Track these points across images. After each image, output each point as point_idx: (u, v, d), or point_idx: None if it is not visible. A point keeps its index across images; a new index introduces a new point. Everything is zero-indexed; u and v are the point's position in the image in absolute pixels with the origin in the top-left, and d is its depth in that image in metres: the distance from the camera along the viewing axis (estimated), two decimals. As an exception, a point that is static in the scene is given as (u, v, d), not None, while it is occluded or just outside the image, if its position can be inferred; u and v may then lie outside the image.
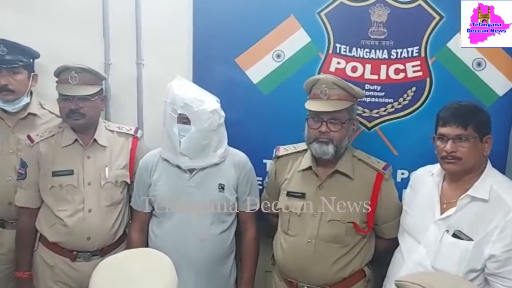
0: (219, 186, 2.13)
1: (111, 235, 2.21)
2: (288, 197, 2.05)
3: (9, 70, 2.27)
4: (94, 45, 2.43)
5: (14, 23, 2.43)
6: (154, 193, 2.17)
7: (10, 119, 2.35)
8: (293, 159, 2.12)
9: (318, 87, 1.96)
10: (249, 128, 2.36)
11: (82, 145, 2.20)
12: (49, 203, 2.17)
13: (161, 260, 1.45)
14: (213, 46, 2.34)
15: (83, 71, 2.13)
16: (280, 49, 2.28)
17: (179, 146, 2.09)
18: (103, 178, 2.19)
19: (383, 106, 2.24)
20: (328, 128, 1.94)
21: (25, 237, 2.23)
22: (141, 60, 2.44)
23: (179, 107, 2.07)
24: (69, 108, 2.12)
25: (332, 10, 2.20)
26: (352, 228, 1.97)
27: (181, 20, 2.36)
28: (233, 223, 2.20)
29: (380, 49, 2.19)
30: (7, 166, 2.33)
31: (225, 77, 2.34)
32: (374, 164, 2.03)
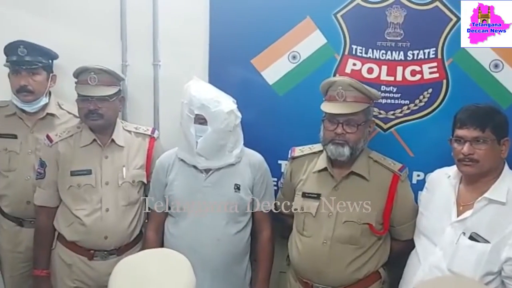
0: (235, 186, 2.15)
1: (127, 235, 2.23)
2: (304, 198, 2.06)
3: (28, 71, 2.30)
4: (112, 46, 2.46)
5: (33, 25, 2.47)
6: (170, 193, 2.18)
7: (29, 119, 2.39)
8: (308, 160, 2.12)
9: (334, 89, 1.96)
10: (264, 129, 2.36)
11: (100, 145, 2.22)
12: (67, 202, 2.19)
13: (179, 261, 1.46)
14: (229, 47, 2.35)
15: (102, 72, 2.15)
16: (296, 50, 2.28)
17: (195, 146, 2.10)
18: (121, 178, 2.21)
19: (399, 108, 2.23)
20: (344, 130, 1.94)
21: (43, 235, 2.26)
22: (158, 61, 2.47)
23: (196, 107, 2.09)
24: (88, 108, 2.14)
25: (348, 12, 2.20)
26: (368, 229, 1.97)
27: (197, 22, 2.37)
28: (248, 223, 2.21)
29: (397, 51, 2.18)
30: (26, 166, 2.37)
31: (241, 78, 2.36)
32: (390, 166, 2.02)
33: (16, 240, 2.43)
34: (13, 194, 2.38)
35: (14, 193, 2.38)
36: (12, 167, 2.37)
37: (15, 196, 2.38)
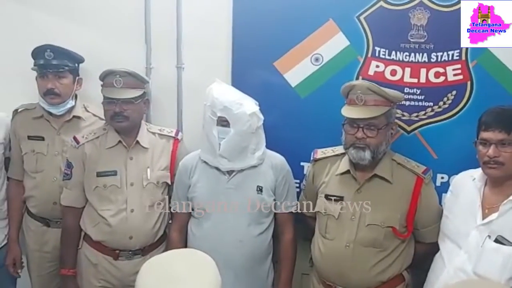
0: (257, 188, 2.16)
1: (152, 235, 2.26)
2: (326, 200, 2.06)
3: (55, 75, 2.34)
4: (136, 49, 2.49)
5: (60, 29, 2.52)
6: (193, 195, 2.20)
7: (55, 121, 2.43)
8: (331, 162, 2.12)
9: (354, 93, 1.96)
10: (286, 130, 2.37)
11: (125, 147, 2.25)
12: (93, 202, 2.23)
13: (205, 261, 1.48)
14: (251, 50, 2.36)
15: (128, 75, 2.18)
16: (318, 52, 2.29)
17: (218, 148, 2.12)
18: (145, 179, 2.24)
19: (423, 110, 2.22)
20: (364, 134, 1.93)
21: (70, 235, 2.30)
22: (181, 64, 2.49)
23: (218, 110, 2.11)
24: (113, 110, 2.17)
25: (372, 14, 2.19)
26: (391, 232, 1.96)
27: (220, 25, 2.39)
28: (271, 225, 2.22)
29: (420, 53, 2.17)
30: (52, 167, 2.41)
31: (263, 80, 2.36)
32: (414, 168, 2.01)
33: (42, 240, 2.47)
34: (40, 195, 2.42)
35: (41, 194, 2.42)
36: (39, 168, 2.41)
37: (42, 197, 2.42)
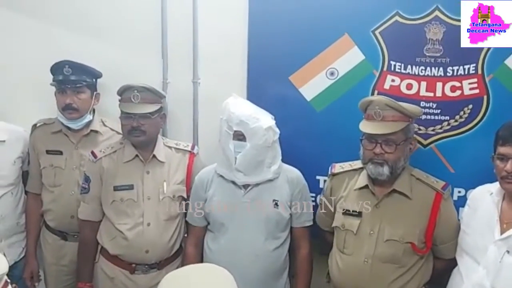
0: (274, 202, 2.16)
1: (168, 249, 2.26)
2: (344, 215, 2.05)
3: (73, 90, 2.37)
4: (153, 64, 2.52)
5: (78, 45, 2.56)
6: (209, 208, 2.20)
7: (73, 136, 2.45)
8: (349, 177, 2.12)
9: (372, 109, 1.96)
10: (302, 144, 2.38)
11: (142, 161, 2.26)
12: (110, 216, 2.24)
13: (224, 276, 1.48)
14: (267, 65, 2.38)
15: (145, 90, 2.20)
16: (333, 67, 2.30)
17: (234, 162, 2.12)
18: (162, 192, 2.25)
19: (439, 124, 2.22)
20: (382, 150, 1.93)
21: (87, 249, 2.31)
22: (197, 79, 2.52)
23: (234, 124, 2.12)
24: (131, 125, 2.19)
25: (387, 28, 2.21)
26: (410, 248, 1.95)
27: (236, 40, 2.42)
28: (287, 239, 2.22)
29: (436, 67, 2.17)
30: (70, 181, 2.43)
31: (279, 94, 2.38)
32: (433, 184, 2.00)
33: (60, 253, 2.49)
34: (57, 209, 2.44)
35: (59, 207, 2.44)
36: (57, 182, 2.44)
37: (59, 210, 2.44)
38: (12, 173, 2.44)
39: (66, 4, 2.58)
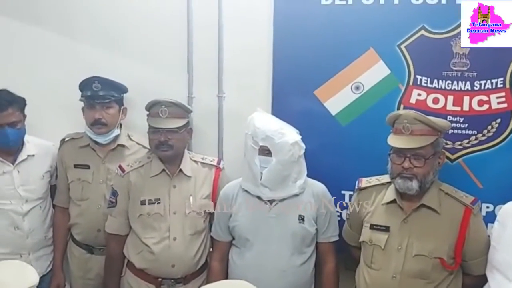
0: (299, 217, 2.15)
1: (194, 263, 2.26)
2: (372, 230, 2.04)
3: (102, 105, 2.40)
4: (179, 79, 2.55)
5: (105, 61, 2.60)
6: (234, 224, 2.20)
7: (101, 150, 2.48)
8: (376, 191, 2.10)
9: (400, 123, 1.95)
10: (327, 159, 2.37)
11: (169, 175, 2.28)
12: (137, 230, 2.25)
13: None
14: (292, 79, 2.39)
15: (173, 105, 2.22)
16: (359, 81, 2.30)
17: (260, 177, 2.12)
18: (188, 207, 2.26)
19: (467, 138, 2.20)
20: (411, 164, 1.91)
21: (113, 263, 2.33)
22: (222, 93, 2.54)
23: (260, 139, 2.12)
24: (158, 139, 2.20)
25: (413, 43, 2.20)
26: (439, 264, 1.92)
27: (261, 54, 2.43)
28: (313, 254, 2.21)
29: (463, 81, 2.16)
30: (97, 195, 2.45)
31: (304, 109, 2.38)
32: (462, 199, 1.97)
33: (86, 267, 2.51)
34: (84, 222, 2.47)
35: (86, 221, 2.46)
36: (85, 196, 2.46)
37: (86, 224, 2.46)
38: (41, 187, 2.48)
39: (93, 21, 2.64)
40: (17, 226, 2.39)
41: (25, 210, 2.40)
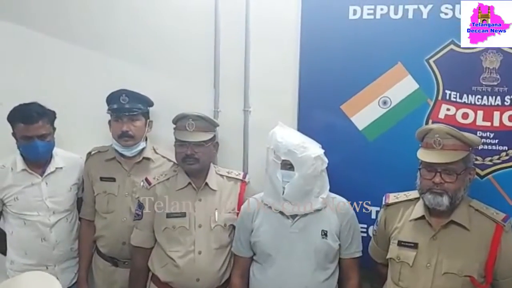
0: (322, 232, 2.12)
1: (218, 278, 2.25)
2: (399, 247, 2.00)
3: (129, 118, 2.42)
4: (205, 94, 2.56)
5: (132, 75, 2.63)
6: (256, 239, 2.18)
7: (127, 163, 2.50)
8: (404, 207, 2.07)
9: (431, 137, 1.91)
10: (353, 174, 2.35)
11: (195, 189, 2.28)
12: (162, 243, 2.25)
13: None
14: (318, 93, 2.38)
15: (200, 119, 2.24)
16: (386, 95, 2.28)
17: (282, 192, 2.10)
18: (213, 221, 2.25)
19: (497, 154, 2.16)
20: (442, 179, 1.87)
21: (138, 276, 2.33)
22: (248, 108, 2.54)
23: (282, 153, 2.10)
24: (185, 153, 2.21)
25: (442, 57, 2.18)
26: (469, 282, 1.87)
27: (287, 69, 2.43)
28: (336, 270, 2.17)
29: (493, 96, 2.13)
30: (123, 208, 2.46)
31: (330, 123, 2.37)
32: (493, 216, 1.92)
33: (110, 279, 2.51)
34: (110, 235, 2.48)
35: (111, 234, 2.47)
36: (110, 209, 2.48)
37: (111, 237, 2.47)
38: (68, 199, 2.50)
39: (122, 37, 2.67)
40: (44, 238, 2.42)
41: (52, 222, 2.43)
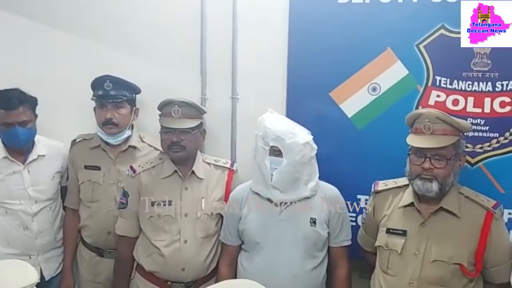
0: (311, 220, 2.09)
1: (205, 267, 2.22)
2: (388, 234, 1.97)
3: (113, 105, 2.37)
4: (192, 81, 2.52)
5: (118, 61, 2.58)
6: (244, 227, 2.15)
7: (112, 151, 2.45)
8: (393, 195, 2.04)
9: (421, 122, 1.88)
10: (343, 162, 2.32)
11: (181, 177, 2.24)
12: (147, 232, 2.21)
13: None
14: (307, 81, 2.35)
15: (186, 105, 2.19)
16: (376, 82, 2.25)
17: (270, 179, 2.08)
18: (200, 209, 2.22)
19: (487, 141, 2.13)
20: (432, 165, 1.84)
21: (123, 265, 2.29)
22: (236, 95, 2.50)
23: (271, 139, 2.07)
24: (170, 140, 2.17)
25: (432, 42, 2.15)
26: (459, 270, 1.85)
27: (275, 56, 2.39)
28: (325, 259, 2.15)
29: (484, 81, 2.10)
30: (108, 197, 2.42)
31: (319, 111, 2.34)
32: (483, 202, 1.90)
33: (96, 270, 2.47)
34: (94, 225, 2.44)
35: (96, 223, 2.43)
36: (95, 198, 2.43)
37: (96, 226, 2.43)
38: (51, 188, 2.46)
39: (107, 22, 2.63)
40: (26, 227, 2.38)
41: (34, 211, 2.39)
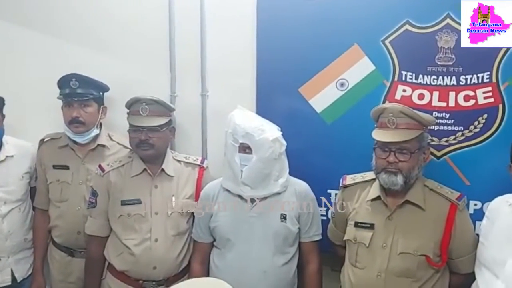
0: (281, 216, 2.11)
1: (176, 265, 2.21)
2: (356, 228, 1.99)
3: (80, 103, 2.35)
4: (161, 78, 2.51)
5: (86, 59, 2.56)
6: (215, 224, 2.16)
7: (80, 150, 2.43)
8: (360, 189, 2.07)
9: (385, 116, 1.91)
10: (312, 157, 2.34)
11: (150, 175, 2.23)
12: (118, 231, 2.20)
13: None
14: (276, 77, 2.36)
15: (154, 103, 2.17)
16: (343, 77, 2.27)
17: (240, 175, 2.08)
18: (170, 207, 2.21)
19: (453, 134, 2.16)
20: (396, 158, 1.88)
21: (94, 265, 2.28)
22: (206, 92, 2.50)
23: (240, 136, 2.08)
24: (139, 138, 2.15)
25: (397, 38, 2.17)
26: (425, 261, 1.88)
27: (244, 52, 2.40)
28: (295, 254, 2.16)
29: (448, 76, 2.13)
30: (77, 196, 2.40)
31: (289, 107, 2.35)
32: (447, 195, 1.93)
33: (67, 270, 2.45)
34: (64, 225, 2.41)
35: (65, 223, 2.41)
36: (64, 197, 2.41)
37: (66, 226, 2.41)
38: (20, 188, 2.43)
39: (74, 19, 2.59)
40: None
41: (3, 212, 2.35)
